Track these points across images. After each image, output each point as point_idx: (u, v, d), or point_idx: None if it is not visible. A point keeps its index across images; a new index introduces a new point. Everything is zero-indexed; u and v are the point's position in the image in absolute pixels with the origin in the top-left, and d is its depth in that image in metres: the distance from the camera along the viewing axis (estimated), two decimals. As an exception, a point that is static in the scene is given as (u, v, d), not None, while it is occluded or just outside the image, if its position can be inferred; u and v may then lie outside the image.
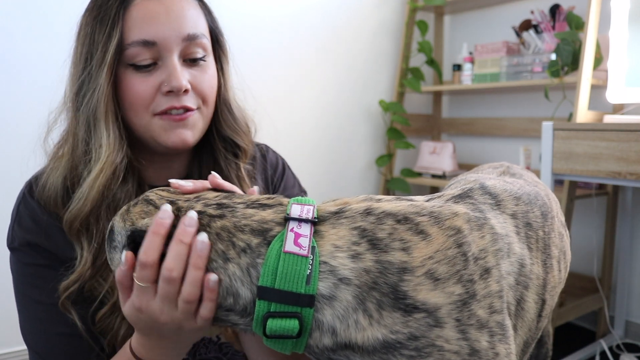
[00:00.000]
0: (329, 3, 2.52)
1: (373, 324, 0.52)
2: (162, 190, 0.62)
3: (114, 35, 0.72)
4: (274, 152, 1.03)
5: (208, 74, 0.80)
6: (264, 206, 0.58)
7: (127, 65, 0.74)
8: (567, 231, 0.76)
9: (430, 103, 3.00)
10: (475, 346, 0.52)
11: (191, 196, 0.60)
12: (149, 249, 0.55)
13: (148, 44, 0.72)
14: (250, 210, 0.57)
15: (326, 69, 2.56)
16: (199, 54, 0.78)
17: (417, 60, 2.82)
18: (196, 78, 0.78)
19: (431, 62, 2.75)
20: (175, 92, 0.74)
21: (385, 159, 2.73)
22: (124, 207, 0.61)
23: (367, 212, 0.56)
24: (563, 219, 0.76)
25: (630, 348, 2.16)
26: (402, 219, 0.56)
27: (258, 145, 1.00)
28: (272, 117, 2.39)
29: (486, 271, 0.55)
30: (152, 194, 0.61)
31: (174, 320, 0.58)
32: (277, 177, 0.99)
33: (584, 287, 2.26)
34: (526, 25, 2.39)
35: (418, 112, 2.94)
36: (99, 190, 0.73)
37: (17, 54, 1.77)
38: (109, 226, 0.62)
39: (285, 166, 1.02)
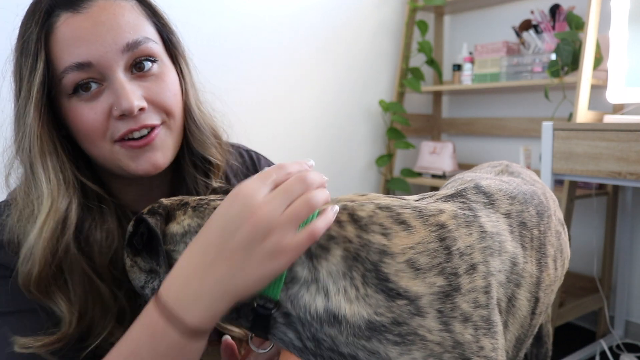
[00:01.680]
0: (329, 3, 2.52)
1: (359, 298, 0.53)
2: (174, 197, 0.66)
3: (38, 66, 0.63)
4: (266, 160, 0.94)
5: (166, 82, 0.70)
6: None
7: (70, 96, 0.66)
8: (566, 229, 0.76)
9: (430, 103, 3.01)
10: (459, 339, 0.53)
11: (197, 197, 0.64)
12: (292, 167, 0.56)
13: (82, 66, 0.63)
14: None
15: (326, 69, 2.56)
16: (149, 62, 0.68)
17: (417, 60, 2.82)
18: (152, 90, 0.68)
19: (431, 62, 2.75)
20: (127, 114, 0.65)
21: (385, 159, 2.73)
22: None
23: (350, 200, 0.60)
24: (561, 216, 0.76)
25: (630, 348, 2.16)
26: (384, 207, 0.58)
27: (248, 151, 0.93)
28: (273, 117, 2.40)
29: (472, 267, 0.56)
30: (164, 199, 0.64)
31: (271, 219, 0.51)
32: None
33: (584, 287, 2.26)
34: (526, 25, 2.39)
35: (418, 112, 2.94)
36: (45, 246, 0.63)
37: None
38: None
39: None
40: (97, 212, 0.69)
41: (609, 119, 1.83)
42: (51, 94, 0.66)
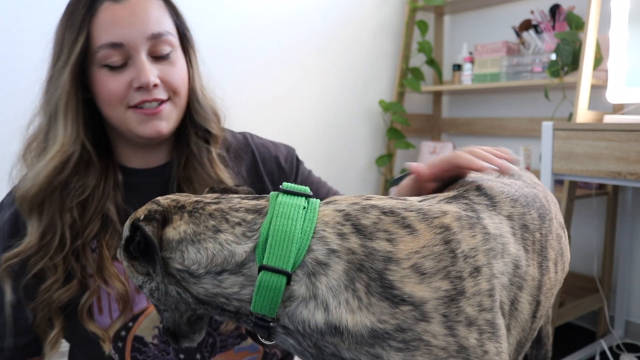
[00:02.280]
0: (329, 3, 2.52)
1: (362, 308, 0.52)
2: (172, 195, 0.65)
3: (80, 39, 0.79)
4: (259, 138, 1.06)
5: (177, 68, 0.86)
6: (257, 197, 0.62)
7: (101, 66, 0.81)
8: (566, 232, 0.76)
9: (430, 103, 3.01)
10: (464, 343, 0.52)
11: (193, 199, 0.63)
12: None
13: (116, 45, 0.80)
14: (245, 200, 0.61)
15: (326, 69, 2.56)
16: (166, 50, 0.84)
17: (417, 60, 2.82)
18: (165, 72, 0.84)
19: (431, 62, 2.75)
20: (144, 87, 0.82)
21: (385, 159, 2.73)
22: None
23: (354, 203, 0.58)
24: (562, 220, 0.76)
25: (630, 348, 2.16)
26: (389, 212, 0.57)
27: (241, 133, 1.05)
28: (273, 117, 2.40)
29: (476, 269, 0.55)
30: (161, 198, 0.64)
31: None
32: (268, 156, 1.03)
33: (584, 287, 2.26)
34: (526, 25, 2.39)
35: (418, 112, 2.94)
36: (46, 175, 0.80)
37: (19, 54, 1.77)
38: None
39: (273, 143, 1.07)
40: (83, 167, 0.84)
41: (609, 119, 1.83)
42: (84, 63, 0.82)
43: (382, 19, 2.75)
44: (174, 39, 0.86)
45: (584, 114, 1.88)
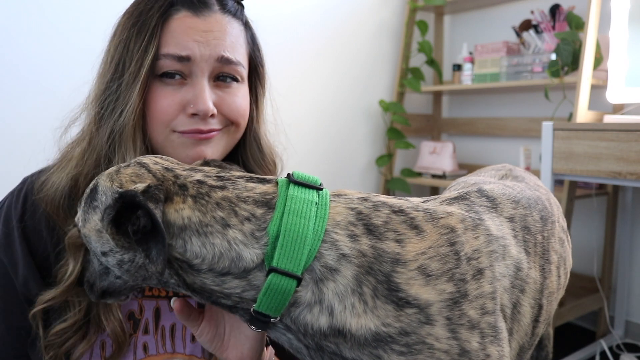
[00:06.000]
0: (328, 3, 2.52)
1: (367, 311, 0.52)
2: (157, 157, 0.60)
3: (151, 48, 0.69)
4: None
5: (238, 97, 0.76)
6: (263, 181, 0.58)
7: (156, 76, 0.71)
8: (569, 237, 0.75)
9: (430, 103, 3.00)
10: (466, 346, 0.52)
11: (187, 166, 0.59)
12: None
13: (183, 59, 0.70)
14: (251, 184, 0.57)
15: (326, 69, 2.56)
16: (230, 78, 0.75)
17: (417, 60, 2.82)
18: (223, 99, 0.74)
19: (431, 62, 2.75)
20: (200, 115, 0.71)
21: (385, 159, 2.73)
22: (114, 168, 0.57)
23: (364, 199, 0.57)
24: (565, 224, 0.75)
25: (630, 348, 2.16)
26: (398, 211, 0.56)
27: None
28: (272, 117, 2.39)
29: (479, 272, 0.55)
30: (146, 158, 0.58)
31: None
32: None
33: (584, 287, 2.26)
34: (526, 25, 2.39)
35: (418, 112, 2.94)
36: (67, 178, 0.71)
37: (20, 54, 1.77)
38: (91, 185, 0.57)
39: None
40: None
41: (609, 119, 1.83)
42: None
43: (382, 19, 2.75)
44: (243, 71, 0.76)
45: (584, 114, 1.88)
